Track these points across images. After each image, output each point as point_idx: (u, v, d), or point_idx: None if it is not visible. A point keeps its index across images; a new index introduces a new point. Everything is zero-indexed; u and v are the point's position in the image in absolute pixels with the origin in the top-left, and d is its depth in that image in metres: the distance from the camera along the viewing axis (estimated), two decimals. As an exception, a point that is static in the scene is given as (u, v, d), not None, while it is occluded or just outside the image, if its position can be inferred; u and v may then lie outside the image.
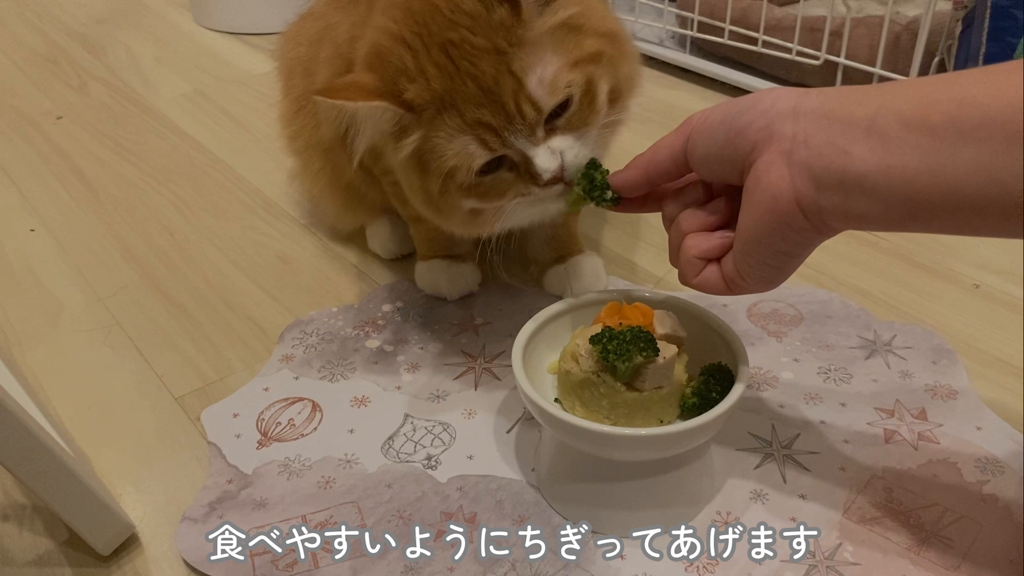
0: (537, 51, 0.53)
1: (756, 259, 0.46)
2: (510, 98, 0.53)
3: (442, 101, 0.54)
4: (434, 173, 0.56)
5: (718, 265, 0.49)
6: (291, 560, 0.53)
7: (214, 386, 0.68)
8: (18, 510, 0.58)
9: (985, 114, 0.38)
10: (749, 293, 0.49)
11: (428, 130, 0.55)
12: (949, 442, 0.60)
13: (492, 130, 0.53)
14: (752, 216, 0.45)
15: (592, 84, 0.55)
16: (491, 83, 0.53)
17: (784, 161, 0.43)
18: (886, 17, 0.99)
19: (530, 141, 0.54)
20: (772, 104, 0.44)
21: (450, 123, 0.54)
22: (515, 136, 0.54)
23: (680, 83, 1.22)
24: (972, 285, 0.77)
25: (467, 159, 0.54)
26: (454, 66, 0.53)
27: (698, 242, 0.49)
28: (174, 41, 1.44)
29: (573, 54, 0.54)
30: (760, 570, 0.51)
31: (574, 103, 0.55)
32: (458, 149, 0.54)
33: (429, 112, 0.54)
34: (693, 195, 0.51)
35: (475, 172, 0.55)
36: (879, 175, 0.41)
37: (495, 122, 0.53)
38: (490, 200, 0.57)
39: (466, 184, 0.55)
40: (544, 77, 0.53)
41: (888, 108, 0.41)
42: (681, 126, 0.49)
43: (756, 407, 0.63)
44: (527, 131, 0.54)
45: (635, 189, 0.52)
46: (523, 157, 0.55)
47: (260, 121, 1.12)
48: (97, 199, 0.96)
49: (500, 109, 0.53)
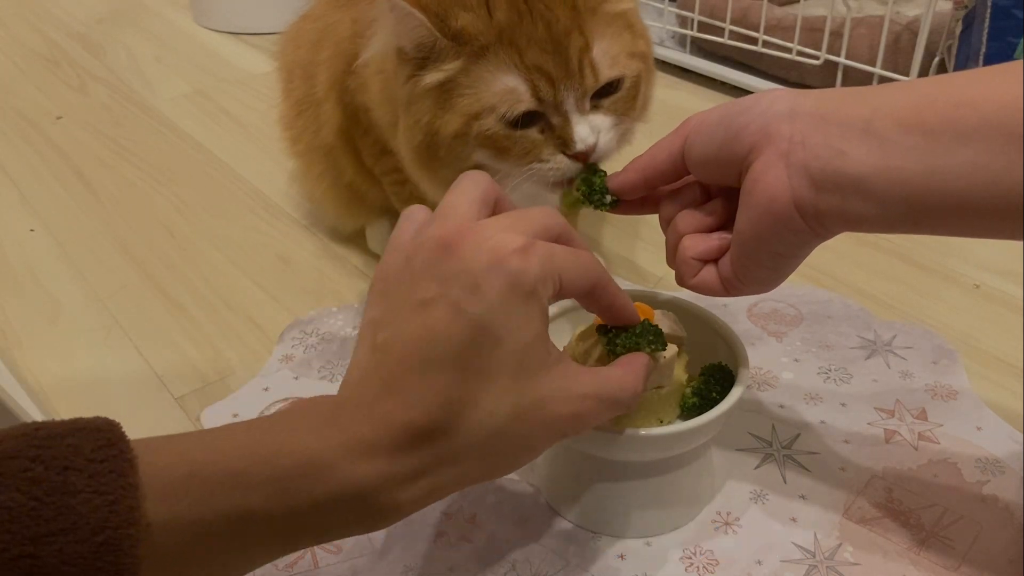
0: (602, 27, 0.53)
1: (753, 261, 0.46)
2: (576, 54, 0.52)
3: (501, 36, 0.51)
4: (457, 111, 0.53)
5: (715, 267, 0.49)
6: (291, 560, 0.53)
7: (214, 386, 0.68)
8: (18, 510, 0.58)
9: (981, 115, 0.38)
10: (746, 295, 0.49)
11: (470, 63, 0.52)
12: (949, 442, 0.60)
13: (550, 80, 0.52)
14: (749, 218, 0.45)
15: (639, 79, 0.56)
16: (562, 34, 0.51)
17: (781, 162, 0.43)
18: (886, 17, 0.99)
19: (577, 107, 0.53)
20: (769, 106, 0.44)
21: (504, 60, 0.52)
22: (569, 92, 0.52)
23: (680, 83, 1.22)
24: (972, 285, 0.77)
25: (511, 102, 0.52)
26: (527, 5, 0.51)
27: (695, 243, 0.49)
28: (174, 41, 1.44)
29: (630, 46, 0.54)
30: (760, 570, 0.51)
31: (623, 88, 0.55)
32: (504, 89, 0.52)
33: (478, 44, 0.52)
34: (690, 196, 0.51)
35: (510, 120, 0.53)
36: (876, 176, 0.41)
37: (555, 72, 0.52)
38: (505, 158, 0.55)
39: (491, 132, 0.53)
40: (608, 51, 0.53)
41: (885, 110, 0.41)
42: (678, 128, 0.49)
43: (756, 407, 0.63)
44: (580, 93, 0.53)
45: (633, 191, 0.52)
46: (562, 121, 0.54)
47: (260, 121, 1.12)
48: (97, 199, 0.96)
49: (564, 62, 0.52)
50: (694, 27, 1.20)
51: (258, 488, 0.35)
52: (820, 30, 1.06)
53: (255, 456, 0.35)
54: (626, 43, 0.55)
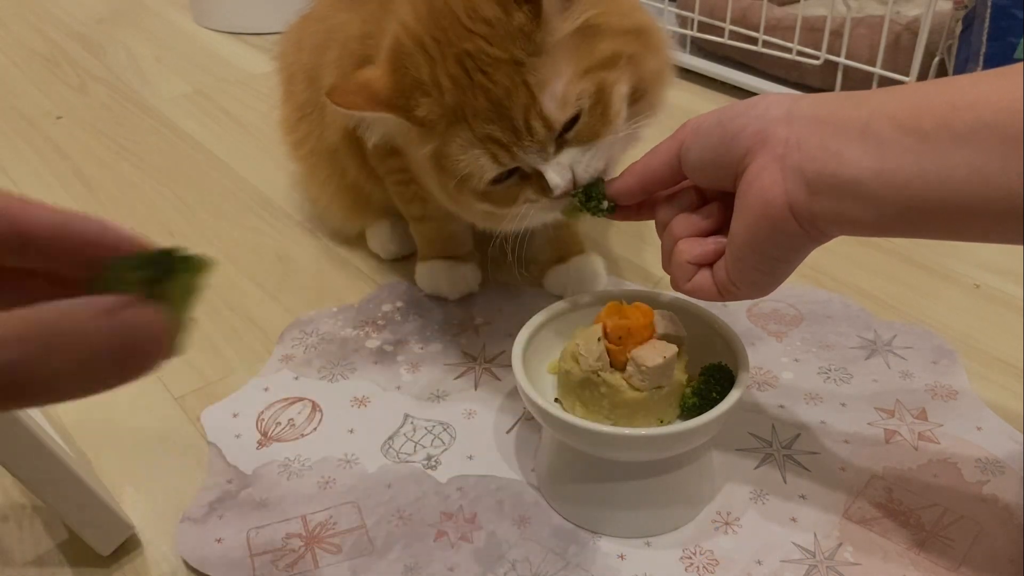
0: (553, 60, 0.52)
1: (748, 265, 0.46)
2: (520, 113, 0.52)
3: (454, 114, 0.53)
4: (450, 174, 0.56)
5: (710, 271, 0.49)
6: (291, 560, 0.53)
7: (214, 386, 0.68)
8: (18, 510, 0.58)
9: (978, 118, 0.38)
10: (741, 299, 0.49)
11: (443, 139, 0.55)
12: (949, 442, 0.60)
13: (502, 145, 0.53)
14: (745, 221, 0.45)
15: (604, 92, 0.53)
16: (503, 96, 0.51)
17: (777, 165, 0.43)
18: (886, 17, 0.99)
19: (540, 156, 0.53)
20: (766, 109, 0.44)
21: (462, 136, 0.54)
22: (524, 152, 0.53)
23: (680, 83, 1.22)
24: (972, 285, 0.77)
25: (479, 171, 0.54)
26: (468, 78, 0.52)
27: (690, 247, 0.49)
28: (174, 41, 1.44)
29: (584, 62, 0.52)
30: (760, 570, 0.51)
31: (583, 116, 0.53)
32: (470, 161, 0.54)
33: (442, 125, 0.54)
34: (686, 200, 0.51)
35: (486, 182, 0.55)
36: (872, 179, 0.41)
37: (504, 138, 0.52)
38: (502, 206, 0.57)
39: (479, 190, 0.56)
40: (557, 91, 0.51)
41: (882, 112, 0.41)
42: (675, 132, 0.49)
43: (756, 407, 0.63)
44: (537, 147, 0.53)
45: (630, 197, 0.52)
46: (534, 171, 0.54)
47: (260, 121, 1.12)
48: (97, 199, 0.96)
49: (509, 125, 0.52)
50: (694, 27, 1.20)
51: None
52: (820, 30, 1.06)
53: None
54: (580, 60, 0.52)
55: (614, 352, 0.52)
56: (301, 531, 0.55)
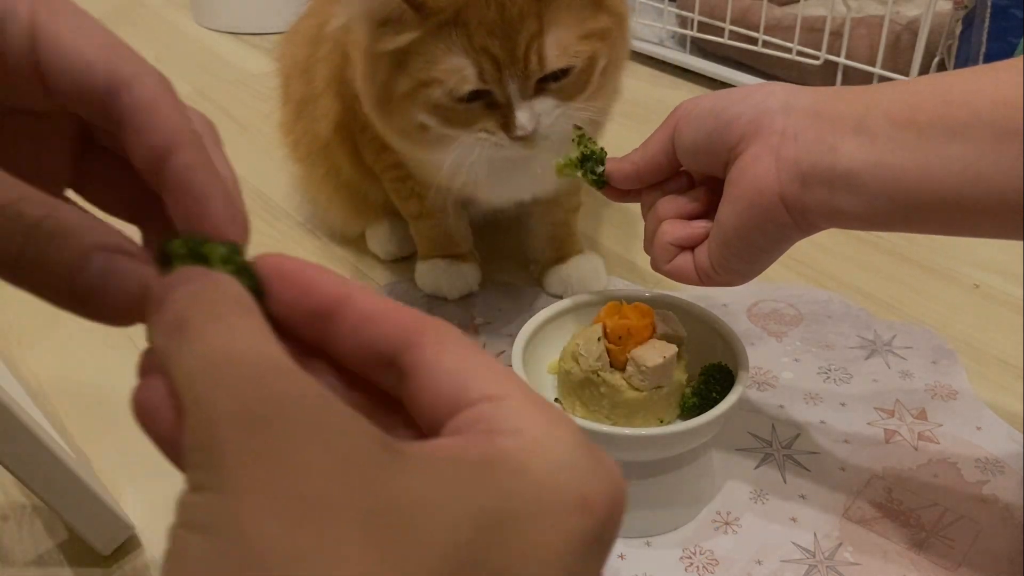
0: (565, 10, 0.52)
1: (732, 251, 0.46)
2: (524, 41, 0.52)
3: (458, 15, 0.52)
4: (410, 76, 0.54)
5: (691, 254, 0.49)
6: (291, 560, 0.52)
7: (214, 386, 0.68)
8: (18, 510, 0.58)
9: (972, 112, 0.39)
10: (719, 285, 0.49)
11: (426, 35, 0.53)
12: (949, 442, 0.60)
13: (495, 64, 0.52)
14: (734, 208, 0.45)
15: (593, 60, 0.55)
16: (515, 18, 0.51)
17: (771, 155, 0.43)
18: (886, 17, 0.99)
19: (520, 91, 0.53)
20: (764, 98, 0.45)
21: (455, 39, 0.52)
22: (512, 79, 0.53)
23: (680, 83, 1.22)
24: (972, 285, 0.77)
25: (457, 81, 0.53)
26: None
27: (674, 229, 0.49)
28: (174, 41, 1.44)
29: (587, 26, 0.53)
30: (760, 570, 0.51)
31: (572, 74, 0.54)
32: (451, 68, 0.53)
33: (437, 19, 0.52)
34: (674, 183, 0.51)
35: (456, 96, 0.53)
36: (866, 172, 0.41)
37: (502, 57, 0.52)
38: (452, 126, 0.56)
39: (437, 102, 0.54)
40: (560, 38, 0.52)
41: (877, 106, 0.41)
42: (668, 118, 0.49)
43: (756, 407, 0.63)
44: (523, 80, 0.53)
45: (623, 181, 0.52)
46: (506, 102, 0.54)
47: (260, 121, 1.12)
48: (97, 199, 0.96)
49: (511, 48, 0.52)
50: (694, 27, 1.20)
51: None
52: (820, 30, 1.06)
53: None
54: (584, 23, 0.54)
55: (614, 352, 0.52)
56: (301, 531, 0.54)
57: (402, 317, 0.24)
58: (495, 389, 0.22)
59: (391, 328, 0.23)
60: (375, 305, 0.24)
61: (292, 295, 0.24)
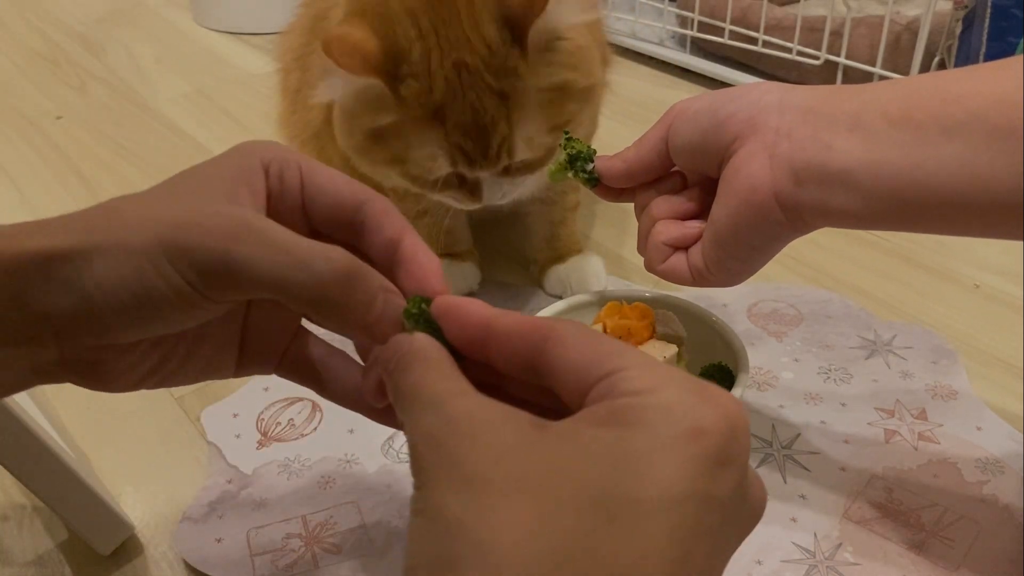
0: (531, 106, 0.55)
1: (726, 251, 0.46)
2: (496, 142, 0.55)
3: (435, 112, 0.54)
4: (386, 149, 0.57)
5: (685, 255, 0.49)
6: (291, 560, 0.53)
7: (214, 386, 0.68)
8: (18, 510, 0.58)
9: (968, 111, 0.39)
10: (714, 286, 0.49)
11: (406, 121, 0.55)
12: (949, 442, 0.60)
13: (468, 159, 0.56)
14: (728, 206, 0.45)
15: (555, 148, 0.57)
16: (488, 123, 0.54)
17: (766, 154, 0.43)
18: (886, 17, 0.99)
19: (489, 175, 0.57)
20: (758, 97, 0.44)
21: (431, 132, 0.55)
22: (480, 169, 0.56)
23: (680, 83, 1.22)
24: (972, 285, 0.77)
25: (431, 167, 0.56)
26: (461, 90, 0.54)
27: (668, 229, 0.49)
28: (174, 41, 1.44)
29: (554, 119, 0.56)
30: (760, 570, 0.51)
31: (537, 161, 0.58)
32: (426, 155, 0.56)
33: (416, 112, 0.54)
34: (667, 184, 0.51)
35: (428, 179, 0.57)
36: (861, 170, 0.41)
37: (474, 154, 0.55)
38: (424, 189, 0.59)
39: (412, 175, 0.58)
40: (528, 134, 0.56)
41: (873, 104, 0.41)
42: (663, 117, 0.49)
43: (756, 407, 0.63)
44: (491, 168, 0.57)
45: (615, 179, 0.52)
46: (475, 181, 0.58)
47: (260, 121, 1.12)
48: (97, 199, 0.95)
49: (484, 147, 0.55)
50: (694, 27, 1.20)
51: None
52: (820, 30, 1.06)
53: None
54: (551, 117, 0.57)
55: (614, 352, 0.52)
56: (301, 531, 0.55)
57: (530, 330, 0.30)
58: (612, 365, 0.28)
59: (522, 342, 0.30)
60: (509, 323, 0.31)
61: (455, 330, 0.32)
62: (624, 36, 1.28)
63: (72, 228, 0.33)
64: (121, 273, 0.32)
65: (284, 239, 0.32)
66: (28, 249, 0.32)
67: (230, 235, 0.32)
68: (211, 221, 0.32)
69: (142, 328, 0.34)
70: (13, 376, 0.35)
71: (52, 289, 0.32)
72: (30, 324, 0.33)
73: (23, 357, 0.34)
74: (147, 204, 0.35)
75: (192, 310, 0.33)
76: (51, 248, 0.32)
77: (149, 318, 0.33)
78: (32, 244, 0.32)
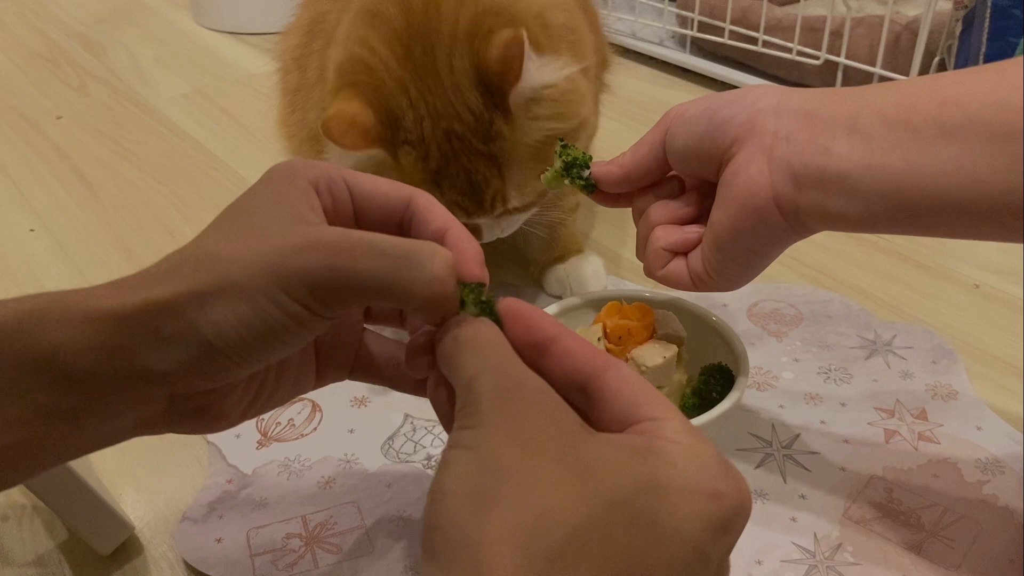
0: (519, 160, 0.58)
1: (725, 256, 0.46)
2: (489, 196, 0.58)
3: (432, 176, 0.57)
4: None
5: (685, 260, 0.49)
6: (291, 560, 0.53)
7: (214, 386, 0.68)
8: (18, 510, 0.58)
9: (966, 113, 0.38)
10: (713, 291, 0.49)
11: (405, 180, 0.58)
12: (949, 442, 0.60)
13: (464, 211, 0.59)
14: (727, 211, 0.45)
15: (546, 192, 0.61)
16: (481, 183, 0.58)
17: (764, 157, 0.43)
18: (886, 17, 0.99)
19: (486, 218, 0.61)
20: (755, 100, 0.44)
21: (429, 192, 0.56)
22: (477, 218, 0.60)
23: (680, 83, 1.22)
24: (972, 285, 0.77)
25: None
26: (453, 156, 0.57)
27: (667, 234, 0.49)
28: (174, 41, 1.44)
29: (544, 164, 0.57)
30: (760, 570, 0.51)
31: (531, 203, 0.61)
32: None
33: (414, 179, 0.57)
34: (666, 189, 0.50)
35: None
36: (860, 173, 0.41)
37: (469, 208, 0.59)
38: None
39: None
40: (520, 185, 0.59)
41: (871, 107, 0.41)
42: (660, 121, 0.49)
43: (756, 407, 0.63)
44: (486, 216, 0.60)
45: (611, 185, 0.51)
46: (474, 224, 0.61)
47: (260, 121, 1.12)
48: (97, 199, 0.96)
49: (478, 200, 0.58)
50: (694, 27, 1.20)
51: None
52: (820, 30, 1.06)
53: None
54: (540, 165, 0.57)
55: (614, 352, 0.52)
56: (301, 531, 0.55)
57: (595, 356, 0.33)
58: (660, 413, 0.31)
59: (584, 363, 0.33)
60: (576, 344, 0.34)
61: (520, 330, 0.35)
62: (624, 36, 1.28)
63: (172, 278, 0.33)
64: (238, 314, 0.32)
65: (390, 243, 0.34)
66: (133, 304, 0.32)
67: (342, 250, 0.33)
68: (319, 241, 0.33)
69: (260, 361, 0.35)
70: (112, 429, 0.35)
71: (164, 346, 0.32)
72: (138, 380, 0.33)
73: (128, 412, 0.35)
74: (234, 240, 0.35)
75: (306, 331, 0.34)
76: (157, 301, 0.32)
77: (269, 349, 0.34)
78: (135, 299, 0.32)
